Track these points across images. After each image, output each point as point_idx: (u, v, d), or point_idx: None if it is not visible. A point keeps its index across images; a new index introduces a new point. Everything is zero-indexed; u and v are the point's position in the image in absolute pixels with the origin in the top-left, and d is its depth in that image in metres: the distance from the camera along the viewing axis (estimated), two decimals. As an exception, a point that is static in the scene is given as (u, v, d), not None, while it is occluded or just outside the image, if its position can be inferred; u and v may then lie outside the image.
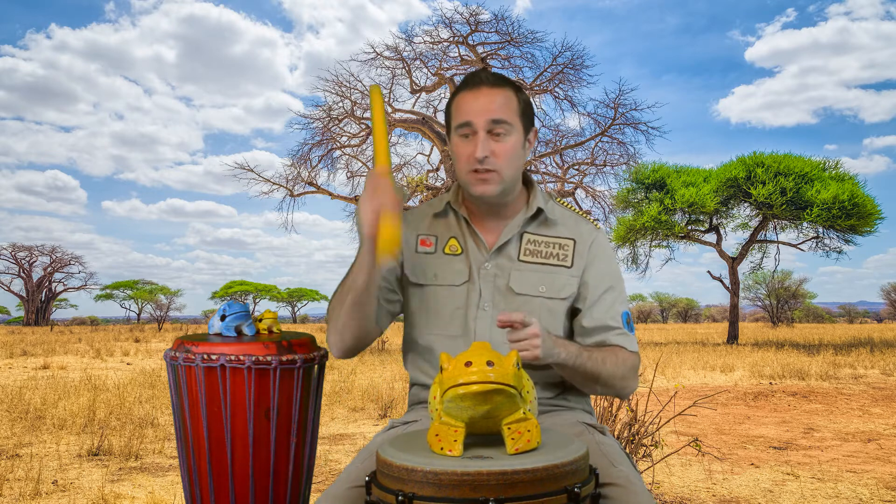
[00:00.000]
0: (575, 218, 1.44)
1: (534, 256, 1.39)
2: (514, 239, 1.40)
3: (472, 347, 1.03)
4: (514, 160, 1.33)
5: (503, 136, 1.31)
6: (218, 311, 1.62)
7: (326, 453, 3.97)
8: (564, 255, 1.39)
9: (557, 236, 1.40)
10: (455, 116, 1.34)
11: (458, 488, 0.91)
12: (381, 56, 17.22)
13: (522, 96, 1.36)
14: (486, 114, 1.29)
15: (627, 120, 17.00)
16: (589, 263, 1.39)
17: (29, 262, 40.59)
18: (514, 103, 1.33)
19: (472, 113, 1.30)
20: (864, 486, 3.23)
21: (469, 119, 1.30)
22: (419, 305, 1.42)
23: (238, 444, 1.49)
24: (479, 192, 1.33)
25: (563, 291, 1.37)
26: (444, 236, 1.43)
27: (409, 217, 1.48)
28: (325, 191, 17.91)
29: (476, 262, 1.39)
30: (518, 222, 1.40)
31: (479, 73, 1.34)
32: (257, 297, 45.57)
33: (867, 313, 52.34)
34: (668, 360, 10.59)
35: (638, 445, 2.93)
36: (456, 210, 1.43)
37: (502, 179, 1.32)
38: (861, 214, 15.61)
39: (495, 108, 1.30)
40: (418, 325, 1.42)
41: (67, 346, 15.71)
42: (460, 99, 1.34)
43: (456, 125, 1.33)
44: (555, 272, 1.37)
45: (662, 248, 19.23)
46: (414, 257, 1.43)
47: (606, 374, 1.30)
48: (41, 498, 2.97)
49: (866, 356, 11.15)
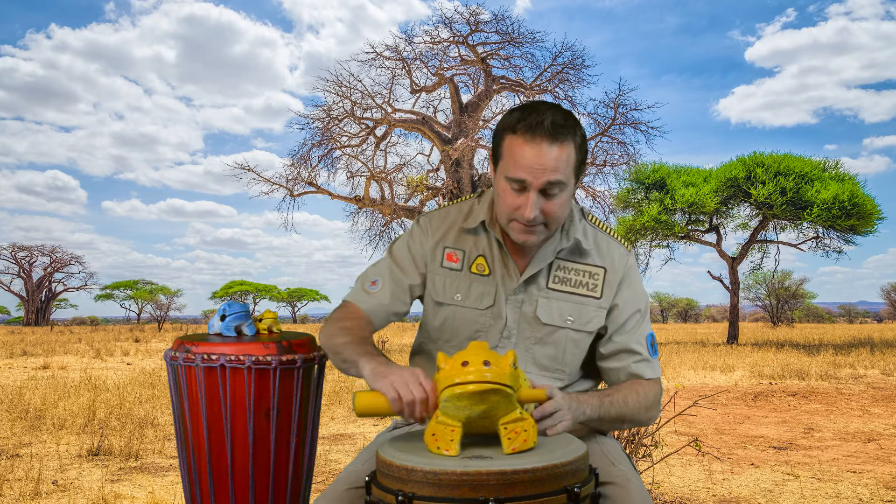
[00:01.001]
0: (607, 241, 1.38)
1: (563, 284, 1.33)
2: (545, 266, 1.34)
3: (469, 347, 1.03)
4: (563, 213, 1.25)
5: (556, 196, 1.21)
6: (218, 312, 1.62)
7: (326, 453, 3.97)
8: (594, 284, 1.33)
9: (588, 264, 1.35)
10: (507, 164, 1.21)
11: (457, 488, 0.91)
12: (381, 56, 17.23)
13: (580, 142, 1.23)
14: (542, 175, 1.18)
15: (627, 120, 17.01)
16: (618, 291, 1.35)
17: (29, 262, 40.61)
18: (573, 157, 1.21)
19: (527, 170, 1.18)
20: (864, 486, 3.23)
21: (523, 177, 1.18)
22: (439, 322, 1.37)
23: (238, 444, 1.49)
24: (521, 240, 1.26)
25: (590, 325, 1.33)
26: (471, 253, 1.36)
27: (436, 224, 1.40)
28: (325, 191, 17.90)
29: (505, 286, 1.33)
30: (552, 249, 1.33)
31: (540, 120, 1.18)
32: (257, 297, 45.57)
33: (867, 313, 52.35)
34: (669, 360, 10.59)
35: (638, 445, 2.93)
36: (489, 230, 1.35)
37: (548, 231, 1.26)
38: (861, 214, 15.61)
39: (553, 169, 1.18)
40: (436, 339, 1.39)
41: (67, 346, 15.70)
42: (514, 145, 1.19)
43: (506, 175, 1.21)
44: (583, 303, 1.33)
45: (662, 248, 19.22)
46: (438, 272, 1.37)
47: (630, 413, 1.27)
48: (41, 498, 2.97)
49: (866, 356, 11.15)
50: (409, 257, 1.38)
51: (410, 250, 1.39)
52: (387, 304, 1.37)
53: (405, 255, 1.39)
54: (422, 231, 1.40)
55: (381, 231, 18.35)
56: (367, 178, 17.52)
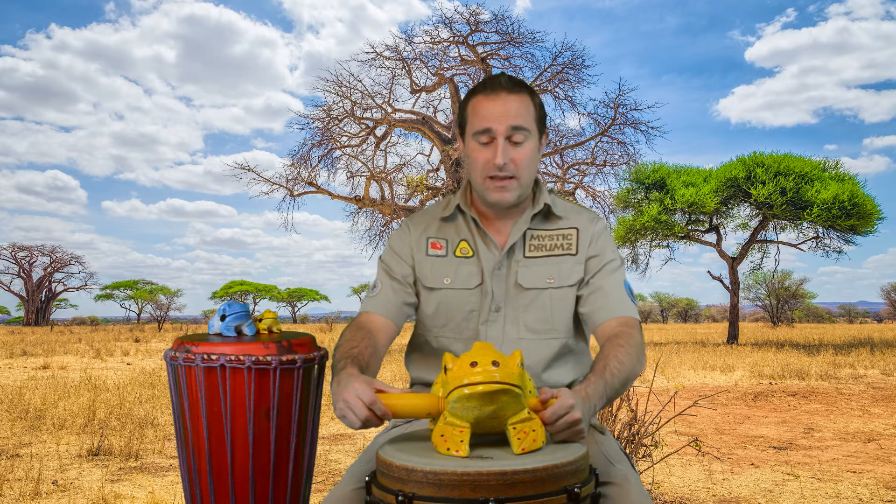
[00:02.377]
0: (576, 210, 1.46)
1: (539, 251, 1.40)
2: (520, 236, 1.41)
3: (475, 347, 1.02)
4: (531, 165, 1.34)
5: (522, 143, 1.31)
6: (218, 311, 1.62)
7: (326, 453, 3.98)
8: (569, 244, 1.40)
9: (560, 228, 1.42)
10: (472, 121, 1.33)
11: (458, 488, 0.91)
12: (381, 56, 17.23)
13: (538, 100, 1.36)
14: (505, 120, 1.29)
15: (627, 120, 17.02)
16: (592, 245, 1.40)
17: (29, 262, 40.62)
18: (532, 109, 1.33)
19: (490, 119, 1.29)
20: (864, 486, 3.23)
21: (488, 125, 1.29)
22: (433, 309, 1.41)
23: (238, 444, 1.49)
24: (497, 199, 1.34)
25: (570, 278, 1.38)
26: (454, 240, 1.43)
27: (416, 220, 1.49)
28: (325, 191, 17.90)
29: (488, 263, 1.39)
30: (526, 219, 1.40)
31: (496, 78, 1.33)
32: (257, 297, 45.57)
33: (867, 313, 52.35)
34: (668, 360, 10.59)
35: (638, 445, 2.93)
36: (465, 211, 1.43)
37: (520, 185, 1.33)
38: (861, 214, 15.61)
39: (514, 115, 1.29)
40: (432, 327, 1.42)
41: (67, 346, 15.71)
42: (477, 103, 1.32)
43: (473, 132, 1.32)
44: (561, 262, 1.38)
45: (662, 248, 19.22)
46: (425, 261, 1.43)
47: (629, 371, 1.27)
48: (41, 498, 2.97)
49: (866, 356, 11.15)
50: (396, 255, 1.45)
51: (395, 250, 1.46)
52: (392, 297, 1.41)
53: (392, 256, 1.46)
54: (403, 230, 1.48)
55: (381, 231, 18.34)
56: (367, 178, 17.52)
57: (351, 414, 1.07)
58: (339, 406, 1.10)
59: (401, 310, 1.42)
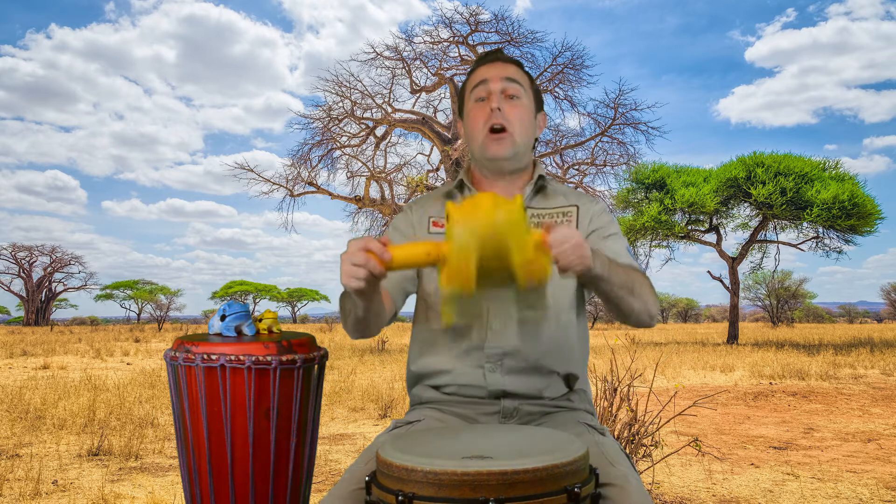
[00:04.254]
0: (575, 192, 1.49)
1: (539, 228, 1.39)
2: None
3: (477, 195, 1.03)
4: (525, 124, 1.39)
5: (516, 99, 1.38)
6: (218, 311, 1.62)
7: (326, 453, 3.97)
8: (569, 220, 1.41)
9: (559, 206, 1.43)
10: (470, 84, 1.42)
11: (458, 488, 0.91)
12: (381, 56, 17.22)
13: (532, 81, 1.45)
14: (500, 73, 1.38)
15: (627, 120, 17.00)
16: (592, 222, 1.42)
17: (29, 262, 40.61)
18: (526, 78, 1.43)
19: (486, 73, 1.39)
20: (864, 486, 3.23)
21: (484, 76, 1.39)
22: (433, 287, 1.40)
23: (238, 444, 1.49)
24: (493, 152, 1.37)
25: None
26: None
27: (419, 201, 1.51)
28: (325, 191, 17.90)
29: None
30: (526, 195, 1.43)
31: (493, 52, 1.44)
32: (257, 297, 45.56)
33: (867, 313, 52.35)
34: (668, 360, 10.59)
35: (638, 445, 2.93)
36: (469, 187, 1.45)
37: (515, 142, 1.37)
38: (861, 214, 15.60)
39: (510, 74, 1.39)
40: (433, 305, 1.41)
41: (67, 346, 15.70)
42: (475, 72, 1.42)
43: (472, 87, 1.41)
44: None
45: (662, 248, 19.21)
46: (426, 238, 1.43)
47: (637, 289, 1.25)
48: (41, 498, 2.97)
49: (866, 356, 11.15)
50: (398, 232, 1.47)
51: (397, 228, 1.48)
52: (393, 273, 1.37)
53: (394, 233, 1.47)
54: (405, 211, 1.51)
55: (381, 231, 18.34)
56: (367, 178, 17.52)
57: (350, 265, 1.02)
58: (343, 270, 1.04)
59: (401, 287, 1.40)
